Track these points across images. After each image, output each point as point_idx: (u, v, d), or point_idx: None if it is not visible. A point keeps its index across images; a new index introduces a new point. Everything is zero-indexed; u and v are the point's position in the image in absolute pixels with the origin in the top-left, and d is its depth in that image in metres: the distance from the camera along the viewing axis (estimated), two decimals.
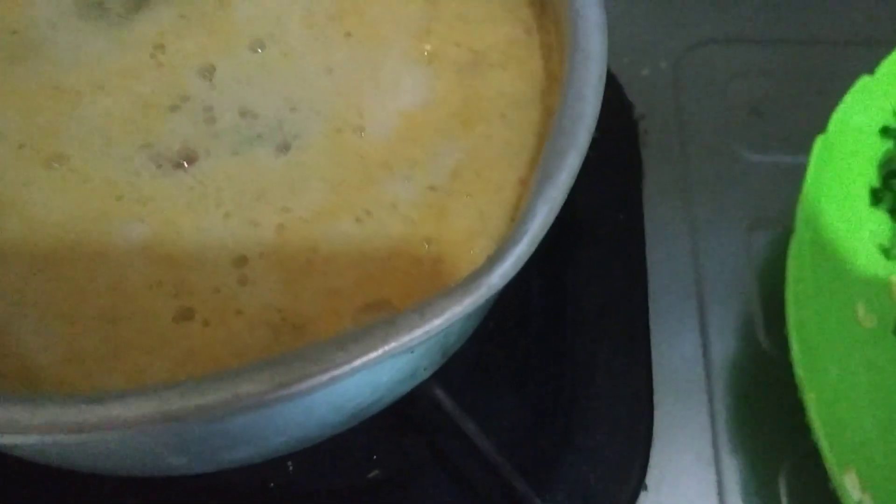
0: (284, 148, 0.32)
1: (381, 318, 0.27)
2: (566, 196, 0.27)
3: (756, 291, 0.43)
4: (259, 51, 0.34)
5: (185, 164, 0.31)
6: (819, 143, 0.38)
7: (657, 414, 0.39)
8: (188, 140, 0.32)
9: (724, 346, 0.41)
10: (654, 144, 0.47)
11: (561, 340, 0.41)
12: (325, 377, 0.23)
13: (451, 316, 0.24)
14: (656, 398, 0.39)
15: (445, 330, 0.24)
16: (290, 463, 0.38)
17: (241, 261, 0.30)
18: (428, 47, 0.34)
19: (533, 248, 0.25)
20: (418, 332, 0.24)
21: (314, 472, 0.38)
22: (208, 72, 0.33)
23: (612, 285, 0.42)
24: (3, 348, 0.29)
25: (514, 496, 0.35)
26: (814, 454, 0.34)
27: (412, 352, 0.26)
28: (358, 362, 0.23)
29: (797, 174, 0.44)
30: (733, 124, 0.48)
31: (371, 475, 0.38)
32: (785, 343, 0.37)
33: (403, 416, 0.39)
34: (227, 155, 0.32)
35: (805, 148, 0.45)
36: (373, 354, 0.24)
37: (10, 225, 0.31)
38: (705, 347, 0.41)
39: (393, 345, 0.24)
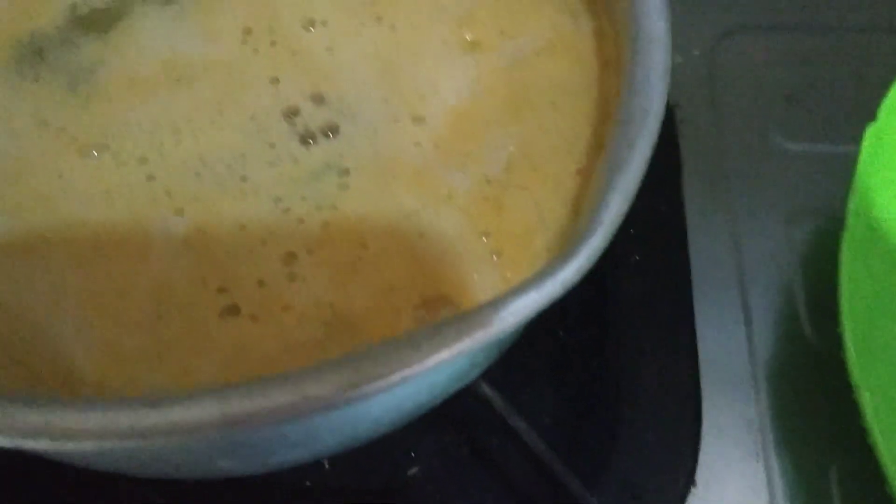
0: (331, 137, 0.31)
1: (447, 315, 0.26)
2: (638, 188, 0.25)
3: (800, 283, 0.42)
4: (311, 30, 0.33)
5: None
6: (870, 132, 0.37)
7: (703, 408, 0.38)
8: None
9: (768, 340, 0.40)
10: (691, 134, 0.46)
11: (603, 333, 0.40)
12: (397, 377, 0.22)
13: (526, 313, 0.23)
14: (702, 393, 0.38)
15: None
16: (326, 461, 0.37)
17: (290, 257, 0.28)
18: (469, 35, 0.33)
19: (607, 242, 0.24)
20: (493, 330, 0.23)
21: (351, 470, 0.37)
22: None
23: (655, 277, 0.41)
24: (41, 348, 0.27)
25: (565, 494, 0.34)
26: (867, 453, 0.33)
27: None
28: (431, 362, 0.22)
29: (836, 163, 0.44)
30: (770, 113, 0.47)
31: (410, 472, 0.37)
32: (831, 336, 0.36)
33: (442, 412, 0.38)
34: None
35: (843, 136, 0.44)
36: (446, 354, 0.22)
37: (46, 217, 0.29)
38: (750, 341, 0.40)
39: (467, 343, 0.23)
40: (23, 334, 0.27)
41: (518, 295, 0.23)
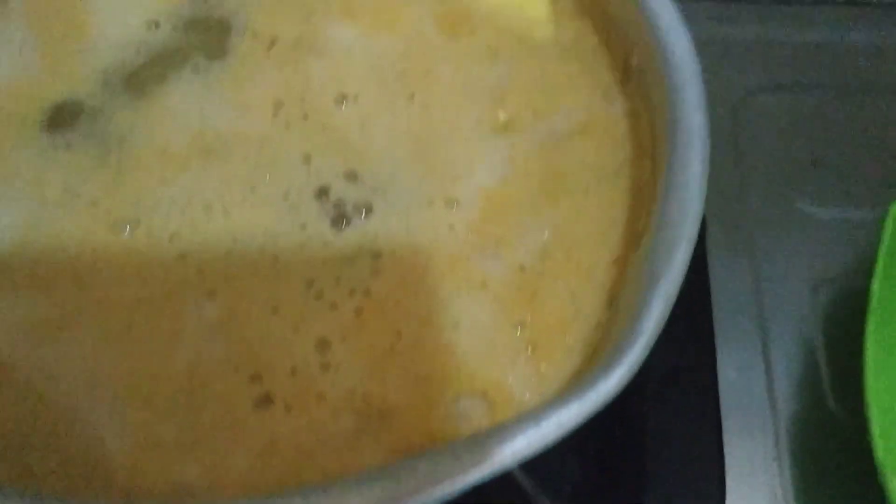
0: (364, 217, 0.31)
1: (481, 409, 0.26)
2: (678, 292, 0.25)
3: (822, 352, 0.42)
4: (343, 104, 0.33)
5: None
6: (893, 211, 0.37)
7: (727, 478, 0.38)
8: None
9: (792, 410, 0.40)
10: (714, 197, 0.45)
11: (626, 399, 0.40)
12: (438, 493, 0.22)
13: (569, 426, 0.23)
14: (726, 462, 0.38)
15: None
16: None
17: (323, 344, 0.28)
18: (503, 114, 0.33)
19: (649, 350, 0.24)
20: (535, 445, 0.22)
21: None
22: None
23: (679, 343, 0.41)
24: (74, 433, 0.27)
25: None
26: None
27: None
28: (472, 477, 0.22)
29: (861, 229, 0.44)
30: (794, 176, 0.46)
31: None
32: (855, 408, 0.36)
33: None
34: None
35: (868, 202, 0.44)
36: (486, 468, 0.22)
37: (79, 296, 0.29)
38: (774, 411, 0.40)
39: (508, 458, 0.22)
40: (55, 418, 0.27)
41: (560, 407, 0.23)
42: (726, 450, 0.39)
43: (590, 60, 0.34)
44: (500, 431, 0.23)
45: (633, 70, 0.33)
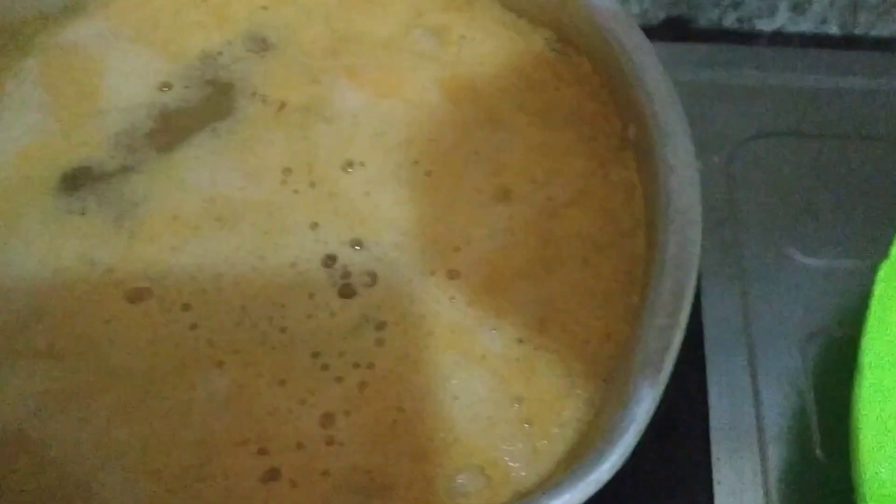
0: (368, 286, 0.32)
1: (479, 488, 0.27)
2: (669, 378, 0.27)
3: (813, 404, 0.43)
4: (350, 171, 0.34)
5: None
6: (883, 271, 0.38)
7: None
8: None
9: (781, 455, 0.41)
10: (708, 242, 0.46)
11: None
12: None
13: None
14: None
15: None
16: None
17: (328, 419, 0.29)
18: (502, 182, 0.34)
19: (639, 437, 0.25)
20: None
21: None
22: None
23: (671, 389, 0.42)
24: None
25: None
26: None
27: None
28: None
29: (851, 278, 0.45)
30: (787, 223, 0.47)
31: None
32: (840, 455, 0.37)
33: None
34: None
35: (860, 252, 0.45)
36: None
37: (94, 365, 0.31)
38: (763, 455, 0.41)
39: None
40: (71, 490, 0.29)
41: (556, 496, 0.24)
42: (716, 498, 0.40)
43: (588, 128, 0.35)
44: None
45: (630, 141, 0.34)
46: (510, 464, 0.29)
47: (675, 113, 0.32)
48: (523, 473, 0.28)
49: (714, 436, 0.42)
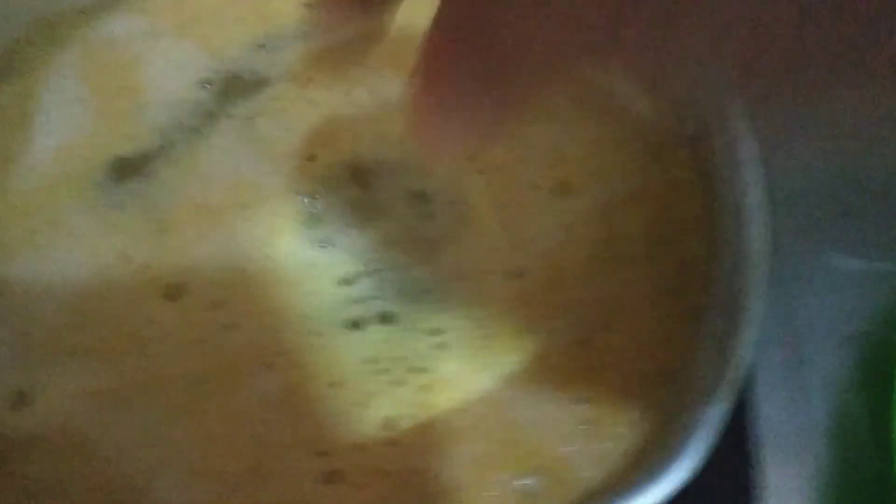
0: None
1: (546, 490, 0.26)
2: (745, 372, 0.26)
3: (857, 403, 0.42)
4: None
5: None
6: None
7: None
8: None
9: (828, 459, 0.41)
10: None
11: None
12: None
13: None
14: None
15: None
16: None
17: (388, 422, 0.29)
18: (560, 177, 0.33)
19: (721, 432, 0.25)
20: None
21: None
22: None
23: None
24: None
25: None
26: None
27: None
28: None
29: (892, 279, 0.44)
30: (823, 225, 0.47)
31: None
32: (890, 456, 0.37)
33: None
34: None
35: None
36: None
37: (143, 365, 0.30)
38: (810, 460, 0.41)
39: None
40: (127, 491, 0.28)
41: (634, 496, 0.24)
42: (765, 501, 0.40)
43: (643, 125, 0.35)
44: None
45: (688, 138, 0.33)
46: (576, 464, 0.28)
47: (736, 109, 0.31)
48: (590, 474, 0.28)
49: (759, 439, 0.41)
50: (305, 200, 0.32)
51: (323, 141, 0.34)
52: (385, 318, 0.30)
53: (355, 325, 0.30)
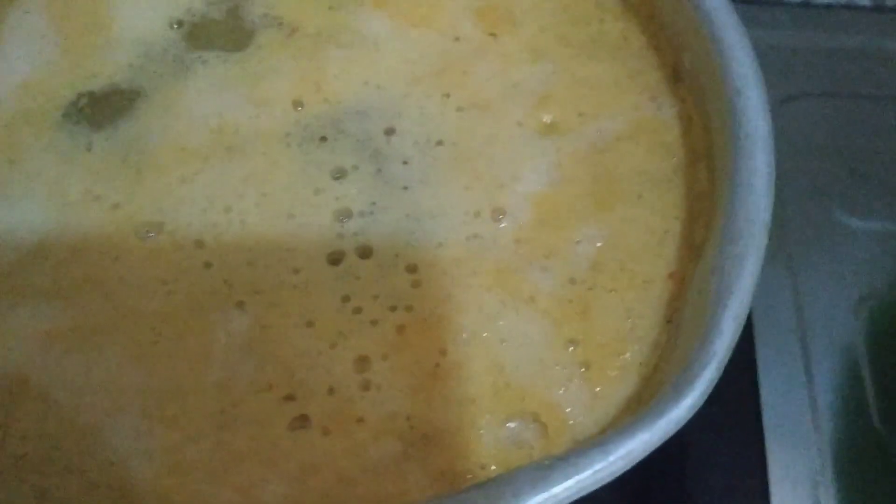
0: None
1: (532, 435, 0.24)
2: (749, 308, 0.24)
3: (866, 366, 0.40)
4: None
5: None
6: None
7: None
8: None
9: (835, 425, 0.39)
10: None
11: None
12: None
13: (635, 457, 0.21)
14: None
15: None
16: None
17: (362, 362, 0.27)
18: (548, 117, 0.31)
19: (719, 375, 0.23)
20: (602, 477, 0.21)
21: None
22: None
23: None
24: (98, 454, 0.26)
25: None
26: None
27: None
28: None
29: None
30: (833, 186, 0.45)
31: None
32: None
33: None
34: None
35: None
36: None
37: (102, 305, 0.28)
38: (816, 426, 0.39)
39: (574, 489, 0.21)
40: (77, 437, 0.26)
41: (628, 436, 0.21)
42: (769, 469, 0.38)
43: (637, 61, 0.33)
44: (563, 462, 0.21)
45: (685, 72, 0.31)
46: (566, 409, 0.26)
47: (737, 33, 0.29)
48: (581, 419, 0.26)
49: (765, 406, 0.39)
50: (292, 143, 0.30)
51: (307, 86, 0.32)
52: (364, 253, 0.28)
53: (335, 260, 0.28)
